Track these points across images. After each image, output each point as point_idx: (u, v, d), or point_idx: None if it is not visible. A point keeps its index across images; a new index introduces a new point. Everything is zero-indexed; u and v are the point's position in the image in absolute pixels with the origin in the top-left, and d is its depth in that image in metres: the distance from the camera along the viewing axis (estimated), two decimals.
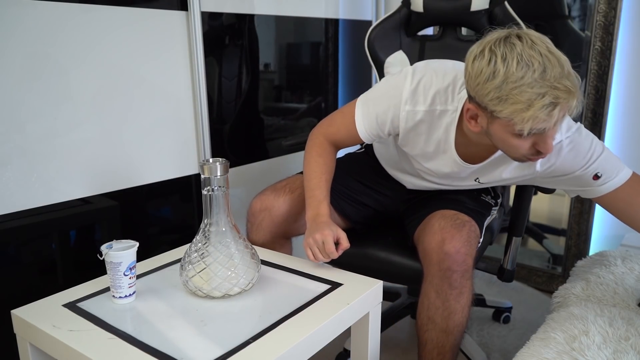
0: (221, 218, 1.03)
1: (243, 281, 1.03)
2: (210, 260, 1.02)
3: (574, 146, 1.12)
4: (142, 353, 0.85)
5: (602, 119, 1.83)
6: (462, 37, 1.60)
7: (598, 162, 1.13)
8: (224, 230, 1.03)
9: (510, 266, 1.41)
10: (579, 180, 1.17)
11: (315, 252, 1.14)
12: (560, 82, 0.90)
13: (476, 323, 1.77)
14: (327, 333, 0.96)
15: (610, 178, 1.14)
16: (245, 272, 1.03)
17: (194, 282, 1.02)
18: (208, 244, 1.03)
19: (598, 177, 1.14)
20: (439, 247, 1.13)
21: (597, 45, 1.80)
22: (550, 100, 0.90)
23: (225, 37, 1.68)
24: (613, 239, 1.94)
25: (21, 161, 1.24)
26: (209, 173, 1.01)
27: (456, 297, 1.14)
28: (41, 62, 1.24)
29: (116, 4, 1.36)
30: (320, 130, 1.30)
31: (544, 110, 0.90)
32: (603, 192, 1.16)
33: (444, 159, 1.21)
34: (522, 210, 1.35)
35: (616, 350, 0.96)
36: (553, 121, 0.92)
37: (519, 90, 0.90)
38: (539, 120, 0.91)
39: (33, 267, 1.33)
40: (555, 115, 0.91)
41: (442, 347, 1.17)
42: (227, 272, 1.01)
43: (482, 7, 1.48)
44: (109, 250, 1.00)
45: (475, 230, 1.20)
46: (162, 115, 1.53)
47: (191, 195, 1.67)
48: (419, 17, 1.59)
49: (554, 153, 1.10)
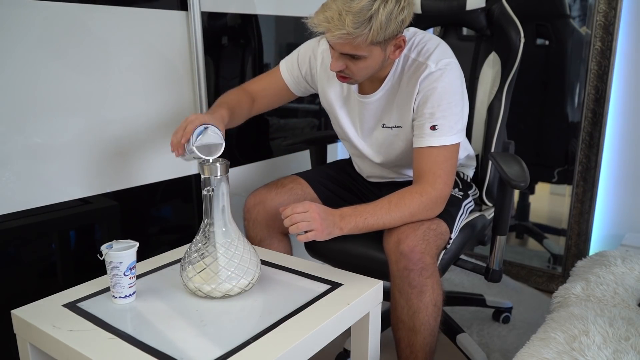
0: (221, 218, 1.03)
1: (243, 281, 1.03)
2: (210, 260, 1.02)
3: (438, 78, 1.18)
4: (142, 353, 0.85)
5: (602, 119, 1.83)
6: (462, 37, 1.60)
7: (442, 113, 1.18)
8: (224, 230, 1.03)
9: (497, 266, 1.41)
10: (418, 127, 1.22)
11: (176, 132, 1.12)
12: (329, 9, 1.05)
13: (476, 323, 1.77)
14: (327, 333, 0.96)
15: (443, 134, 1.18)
16: (246, 272, 1.03)
17: (194, 282, 1.02)
18: (208, 244, 1.03)
19: (435, 128, 1.18)
20: (395, 247, 1.15)
21: (597, 45, 1.80)
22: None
23: (225, 37, 1.68)
24: (613, 239, 1.94)
25: (21, 161, 1.24)
26: (209, 173, 1.01)
27: (417, 296, 1.15)
28: (41, 62, 1.24)
29: (116, 4, 1.36)
30: (241, 84, 1.43)
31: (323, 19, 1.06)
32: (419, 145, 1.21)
33: (351, 100, 1.32)
34: (504, 208, 1.35)
35: (616, 350, 0.96)
36: (330, 33, 1.06)
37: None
38: (322, 24, 1.06)
39: (33, 267, 1.33)
40: (330, 29, 1.05)
41: (413, 346, 1.19)
42: (227, 272, 1.01)
43: (479, 6, 1.49)
44: (109, 250, 1.00)
45: (438, 228, 1.21)
46: (162, 115, 1.53)
47: (191, 195, 1.67)
48: (418, 18, 1.60)
49: (421, 80, 1.19)
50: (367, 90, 1.29)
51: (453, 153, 1.22)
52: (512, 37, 1.43)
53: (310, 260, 1.24)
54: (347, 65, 1.15)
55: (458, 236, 1.32)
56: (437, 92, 1.18)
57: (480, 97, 1.53)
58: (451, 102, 1.19)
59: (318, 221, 1.09)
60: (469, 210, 1.40)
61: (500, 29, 1.47)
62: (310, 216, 1.09)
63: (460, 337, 1.54)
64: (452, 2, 1.53)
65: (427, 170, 1.19)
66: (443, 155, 1.19)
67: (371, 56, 1.13)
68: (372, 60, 1.14)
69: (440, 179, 1.19)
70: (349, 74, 1.18)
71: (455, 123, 1.20)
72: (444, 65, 1.18)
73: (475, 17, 1.50)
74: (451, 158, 1.21)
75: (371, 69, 1.17)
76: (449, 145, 1.19)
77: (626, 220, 1.91)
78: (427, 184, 1.18)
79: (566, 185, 2.01)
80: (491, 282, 1.45)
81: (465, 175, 1.49)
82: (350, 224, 1.14)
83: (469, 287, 2.03)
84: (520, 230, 2.21)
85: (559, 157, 2.02)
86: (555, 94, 1.99)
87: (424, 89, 1.19)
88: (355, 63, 1.14)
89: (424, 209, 1.18)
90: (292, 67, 1.39)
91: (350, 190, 1.50)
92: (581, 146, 1.89)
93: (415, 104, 1.22)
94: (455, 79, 1.20)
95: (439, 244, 1.20)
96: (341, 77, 1.20)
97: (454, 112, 1.19)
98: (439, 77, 1.18)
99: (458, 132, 1.21)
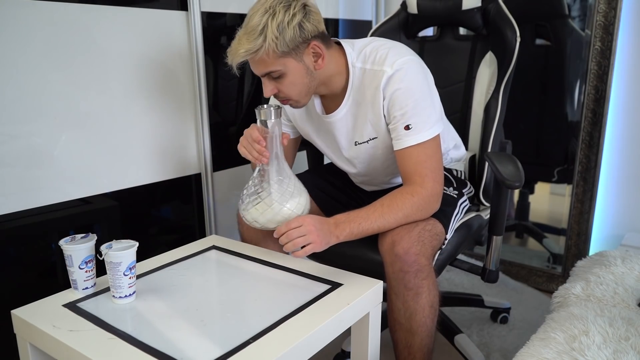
0: (275, 157, 1.16)
1: (296, 209, 1.15)
2: (265, 195, 1.15)
3: (398, 79, 1.18)
4: (142, 353, 0.85)
5: (602, 119, 1.83)
6: (459, 37, 1.60)
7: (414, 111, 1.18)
8: (277, 168, 1.17)
9: (494, 266, 1.40)
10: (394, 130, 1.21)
11: (245, 145, 1.19)
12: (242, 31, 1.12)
13: (476, 323, 1.77)
14: (327, 333, 0.96)
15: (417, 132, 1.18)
16: (297, 203, 1.16)
17: (251, 214, 1.16)
18: (263, 180, 1.17)
19: (409, 128, 1.18)
20: (390, 249, 1.15)
21: (597, 45, 1.80)
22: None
23: (225, 37, 1.68)
24: (613, 239, 1.94)
25: (21, 161, 1.24)
26: (264, 116, 1.15)
27: (413, 298, 1.15)
28: (41, 62, 1.24)
29: (116, 4, 1.36)
30: None
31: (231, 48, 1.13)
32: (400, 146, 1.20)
33: (321, 123, 1.33)
34: (500, 208, 1.35)
35: (616, 350, 0.96)
36: (238, 59, 1.12)
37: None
38: (231, 56, 1.13)
39: (33, 267, 1.33)
40: (236, 59, 1.12)
41: (410, 348, 1.19)
42: (281, 206, 1.14)
43: (474, 6, 1.48)
44: (109, 250, 1.00)
45: (433, 228, 1.20)
46: (162, 115, 1.53)
47: (191, 195, 1.67)
48: (415, 18, 1.60)
49: (383, 86, 1.19)
50: (331, 109, 1.29)
51: (435, 148, 1.21)
52: (508, 36, 1.43)
53: (309, 261, 1.24)
54: (276, 87, 1.18)
55: (454, 236, 1.32)
56: (401, 93, 1.18)
57: (477, 96, 1.53)
58: (418, 98, 1.18)
59: (315, 233, 1.09)
60: (464, 210, 1.40)
61: (496, 29, 1.47)
62: (306, 229, 1.08)
63: (459, 338, 1.54)
64: (447, 2, 1.53)
65: (412, 171, 1.19)
66: (424, 154, 1.19)
67: (289, 70, 1.14)
68: (294, 75, 1.15)
69: (428, 178, 1.18)
70: (284, 96, 1.20)
71: (428, 117, 1.19)
72: (400, 66, 1.17)
73: (472, 17, 1.50)
74: (434, 154, 1.20)
75: (300, 84, 1.17)
76: (428, 141, 1.19)
77: (626, 220, 1.91)
78: (416, 184, 1.18)
79: (566, 185, 2.02)
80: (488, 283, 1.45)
81: (458, 172, 1.49)
82: (345, 231, 1.13)
83: (468, 288, 2.03)
84: (520, 230, 2.21)
85: (559, 157, 2.02)
86: (555, 94, 1.99)
87: (388, 94, 1.19)
88: (280, 82, 1.16)
89: (417, 210, 1.17)
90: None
91: (345, 193, 1.50)
92: (581, 146, 1.89)
93: (385, 111, 1.21)
94: (416, 75, 1.19)
95: (435, 244, 1.20)
96: (281, 100, 1.22)
97: (423, 106, 1.18)
98: (399, 78, 1.17)
99: (434, 125, 1.20)
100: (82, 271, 1.04)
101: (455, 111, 1.57)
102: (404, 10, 1.62)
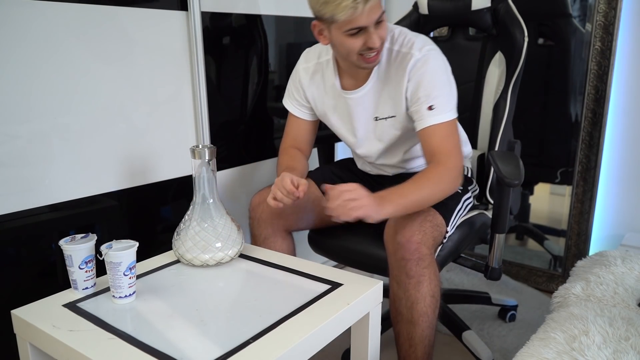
0: (207, 195, 1.20)
1: (228, 251, 1.18)
2: (196, 230, 1.18)
3: (425, 63, 1.25)
4: (142, 353, 0.85)
5: (602, 119, 1.83)
6: (469, 37, 1.61)
7: (437, 92, 1.23)
8: (210, 202, 1.20)
9: (496, 264, 1.41)
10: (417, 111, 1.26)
11: (275, 192, 1.22)
12: None
13: (476, 322, 1.77)
14: (327, 333, 0.96)
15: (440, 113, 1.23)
16: (227, 241, 1.18)
17: (179, 252, 1.18)
18: (193, 218, 1.20)
19: (432, 108, 1.23)
20: (393, 238, 1.19)
21: (597, 45, 1.80)
22: None
23: (225, 37, 1.68)
24: (613, 239, 1.94)
25: (21, 161, 1.24)
26: (198, 157, 1.18)
27: (415, 286, 1.17)
28: (41, 62, 1.24)
29: (116, 4, 1.36)
30: (280, 146, 1.52)
31: (351, 1, 1.10)
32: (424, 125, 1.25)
33: (340, 101, 1.38)
34: (502, 206, 1.35)
35: (616, 350, 0.96)
36: (361, 10, 1.11)
37: None
38: (350, 9, 1.10)
39: (33, 267, 1.33)
40: (360, 7, 1.10)
41: (411, 339, 1.21)
42: (213, 241, 1.17)
43: (484, 6, 1.49)
44: (109, 250, 1.00)
45: (434, 219, 1.23)
46: (162, 115, 1.53)
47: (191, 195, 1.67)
48: (426, 19, 1.61)
49: (410, 68, 1.25)
50: (351, 87, 1.35)
51: (454, 129, 1.27)
52: (516, 36, 1.43)
53: (310, 260, 1.24)
54: (378, 35, 1.20)
55: (455, 233, 1.32)
56: (427, 75, 1.24)
57: (487, 96, 1.53)
58: (442, 81, 1.25)
59: (367, 197, 1.10)
60: (468, 207, 1.40)
61: (505, 28, 1.47)
62: (358, 194, 1.10)
63: (467, 334, 1.55)
64: (457, 2, 1.54)
65: (436, 148, 1.24)
66: (446, 131, 1.24)
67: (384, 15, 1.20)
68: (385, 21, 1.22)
69: (452, 152, 1.24)
70: (383, 42, 1.23)
71: (448, 101, 1.25)
72: (427, 51, 1.26)
73: (481, 17, 1.51)
74: (453, 133, 1.26)
75: (387, 30, 1.25)
76: (449, 121, 1.25)
77: (626, 220, 1.91)
78: (442, 159, 1.22)
79: (566, 186, 2.01)
80: (490, 280, 1.46)
81: (465, 169, 1.50)
82: (393, 204, 1.14)
83: (469, 288, 2.03)
84: (520, 232, 2.21)
85: (562, 158, 2.02)
86: (557, 94, 1.99)
87: (414, 76, 1.25)
88: (382, 28, 1.20)
89: (448, 181, 1.22)
90: (293, 100, 1.48)
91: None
92: (581, 146, 1.89)
93: (408, 93, 1.27)
94: (440, 62, 1.27)
95: (436, 235, 1.23)
96: (375, 55, 1.23)
97: (446, 91, 1.26)
98: (425, 62, 1.25)
99: (452, 109, 1.26)
100: (82, 271, 1.04)
101: (465, 110, 1.57)
102: (416, 11, 1.64)
